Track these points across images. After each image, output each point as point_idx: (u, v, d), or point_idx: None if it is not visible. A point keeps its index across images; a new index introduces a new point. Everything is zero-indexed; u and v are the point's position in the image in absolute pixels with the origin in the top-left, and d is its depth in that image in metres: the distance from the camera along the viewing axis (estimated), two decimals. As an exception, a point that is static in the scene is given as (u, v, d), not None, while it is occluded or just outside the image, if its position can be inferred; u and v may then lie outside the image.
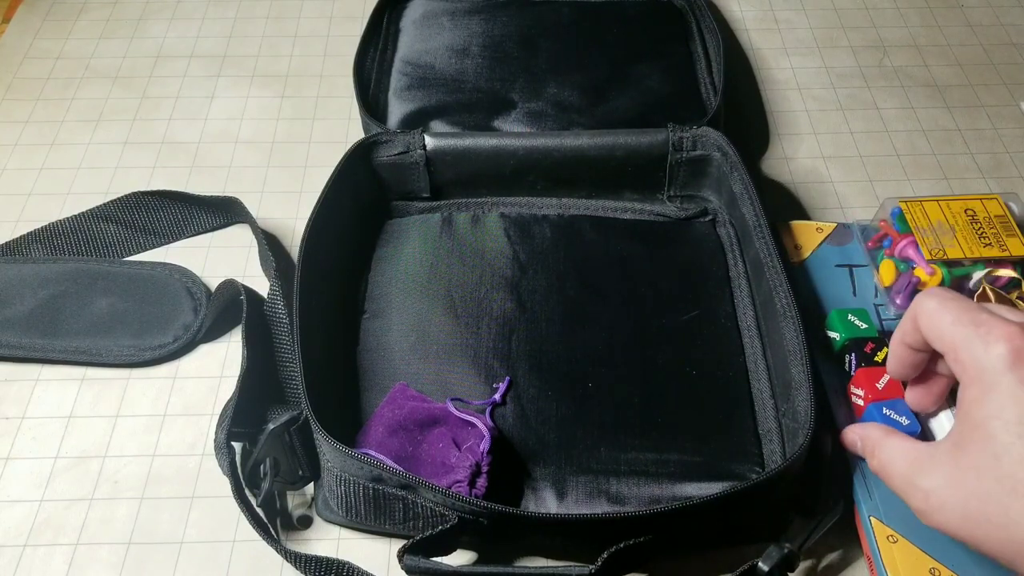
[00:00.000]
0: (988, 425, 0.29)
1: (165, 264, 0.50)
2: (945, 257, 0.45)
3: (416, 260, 0.48)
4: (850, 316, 0.44)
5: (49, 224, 0.52)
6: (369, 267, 0.49)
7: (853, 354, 0.42)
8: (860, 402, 0.40)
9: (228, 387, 0.45)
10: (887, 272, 0.47)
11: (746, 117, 0.61)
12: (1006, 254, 0.46)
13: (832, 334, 0.44)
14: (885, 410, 0.39)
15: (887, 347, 0.41)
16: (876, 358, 0.42)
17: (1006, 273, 0.45)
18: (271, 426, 0.39)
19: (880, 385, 0.40)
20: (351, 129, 0.60)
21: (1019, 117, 0.61)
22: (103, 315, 0.47)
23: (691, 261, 0.48)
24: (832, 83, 0.63)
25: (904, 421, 0.39)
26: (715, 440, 0.41)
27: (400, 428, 0.40)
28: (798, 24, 0.68)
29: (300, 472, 0.41)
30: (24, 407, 0.45)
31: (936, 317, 0.33)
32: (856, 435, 0.37)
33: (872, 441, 0.35)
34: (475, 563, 0.39)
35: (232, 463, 0.39)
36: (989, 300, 0.43)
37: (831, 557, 0.39)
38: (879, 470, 0.35)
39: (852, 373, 0.42)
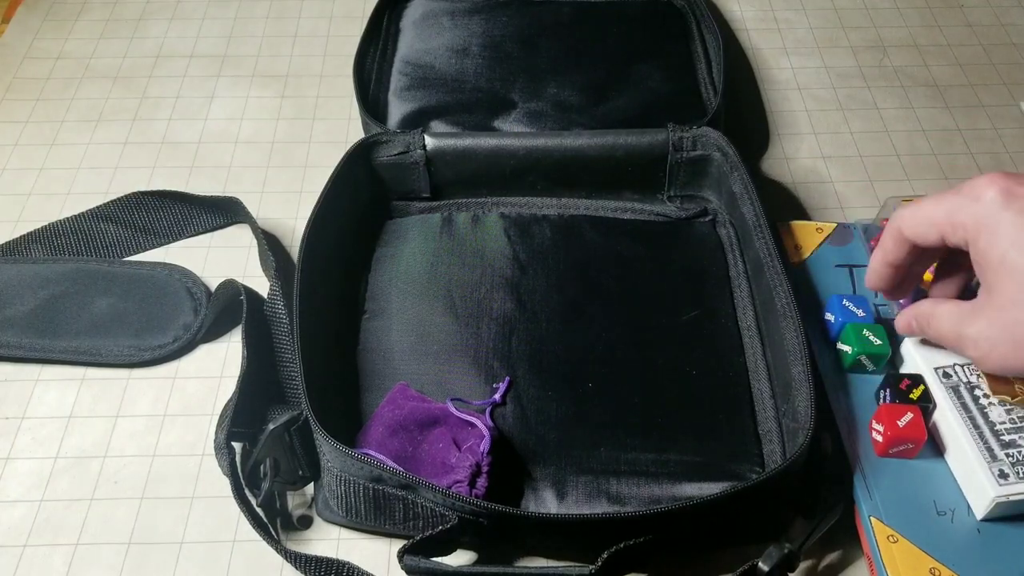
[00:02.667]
0: (1006, 259, 0.32)
1: (165, 264, 0.50)
2: (945, 257, 0.45)
3: (416, 260, 0.48)
4: (865, 331, 0.42)
5: (49, 224, 0.52)
6: (369, 267, 0.49)
7: (888, 390, 0.40)
8: (880, 438, 0.39)
9: (228, 387, 0.45)
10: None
11: (746, 117, 0.61)
12: (1006, 254, 0.46)
13: (844, 347, 0.43)
14: (845, 301, 0.44)
15: (924, 384, 0.40)
16: (911, 395, 0.40)
17: None
18: (271, 426, 0.39)
19: (901, 423, 0.38)
20: (351, 129, 0.60)
21: (1019, 117, 0.61)
22: (103, 315, 0.47)
23: (691, 261, 0.48)
24: (832, 83, 0.63)
25: (860, 312, 0.43)
26: (715, 440, 0.41)
27: (400, 428, 0.40)
28: (798, 24, 0.68)
29: (300, 472, 0.41)
30: (24, 407, 0.45)
31: (919, 214, 0.36)
32: (909, 316, 0.40)
33: (924, 315, 0.38)
34: (475, 563, 0.39)
35: (232, 463, 0.39)
36: None
37: (831, 557, 0.39)
38: (936, 337, 0.38)
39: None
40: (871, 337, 0.42)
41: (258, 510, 0.39)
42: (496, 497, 0.36)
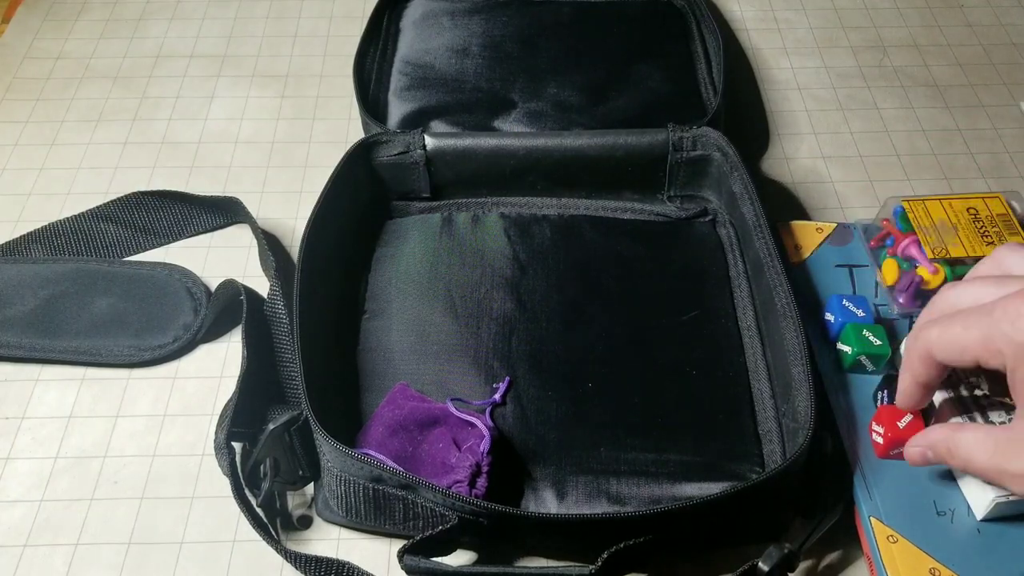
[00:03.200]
0: None
1: (165, 264, 0.50)
2: (948, 256, 0.45)
3: (416, 260, 0.48)
4: (865, 331, 0.42)
5: (49, 224, 0.52)
6: (369, 267, 0.49)
7: (886, 391, 0.41)
8: (880, 440, 0.39)
9: (228, 387, 0.45)
10: (890, 271, 0.46)
11: (746, 117, 0.61)
12: (1006, 254, 0.46)
13: (844, 347, 0.43)
14: (845, 301, 0.43)
15: None
16: None
17: None
18: (271, 426, 0.39)
19: (902, 424, 0.38)
20: (351, 129, 0.60)
21: (1019, 117, 0.61)
22: (103, 315, 0.47)
23: (691, 261, 0.48)
24: (832, 83, 0.63)
25: (860, 313, 0.43)
26: (715, 440, 0.41)
27: (400, 428, 0.40)
28: (798, 24, 0.68)
29: (300, 472, 0.41)
30: (24, 407, 0.45)
31: (951, 341, 0.33)
32: (922, 447, 0.36)
33: (943, 445, 0.34)
34: (475, 563, 0.39)
35: (232, 463, 0.39)
36: None
37: (831, 557, 0.39)
38: (965, 468, 0.34)
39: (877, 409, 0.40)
40: (871, 337, 0.42)
41: (258, 510, 0.39)
42: (496, 497, 0.36)
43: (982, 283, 0.34)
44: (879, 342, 0.42)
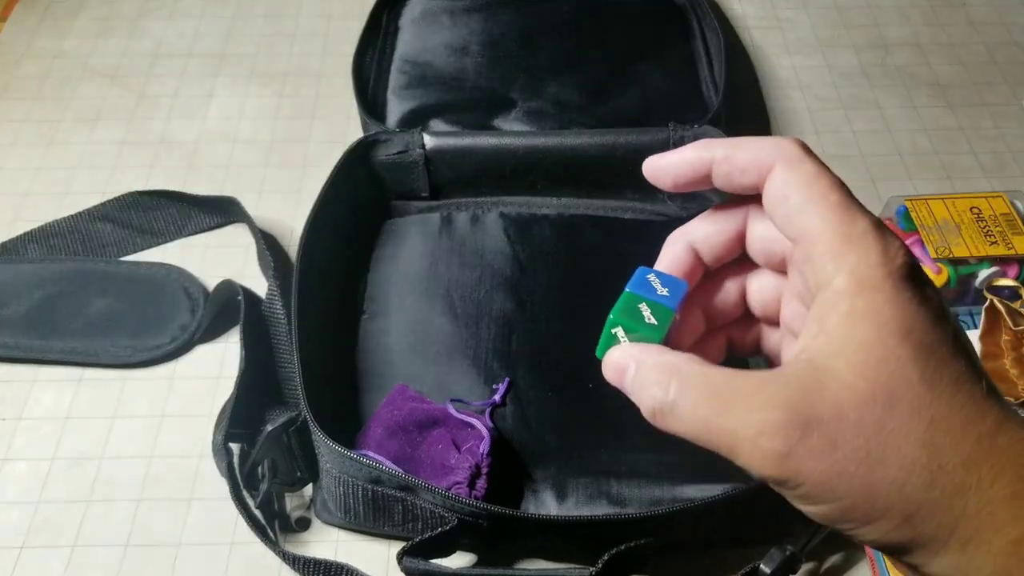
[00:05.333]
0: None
1: (162, 264, 0.50)
2: (951, 255, 0.45)
3: (415, 260, 0.48)
4: (643, 304, 0.29)
5: (46, 224, 0.52)
6: (368, 267, 0.49)
7: None
8: None
9: (226, 388, 0.45)
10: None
11: (747, 116, 0.60)
12: (1012, 252, 0.45)
13: (614, 326, 0.39)
14: (651, 276, 0.27)
15: None
16: None
17: (1007, 282, 0.45)
18: (269, 427, 0.38)
19: None
20: (350, 128, 0.59)
21: (1022, 116, 0.60)
22: (100, 315, 0.47)
23: (692, 261, 0.48)
24: (834, 82, 0.63)
25: (663, 291, 0.26)
26: (717, 441, 0.41)
27: (399, 429, 0.39)
28: (799, 23, 0.68)
29: (298, 473, 0.40)
30: (21, 408, 0.45)
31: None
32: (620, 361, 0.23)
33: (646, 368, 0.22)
34: (475, 565, 0.39)
35: (230, 464, 0.39)
36: (999, 314, 0.42)
37: (833, 559, 0.39)
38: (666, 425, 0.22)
39: None
40: (648, 316, 0.26)
41: (256, 512, 0.39)
42: (496, 498, 0.36)
43: None
44: (653, 321, 0.25)
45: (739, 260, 0.25)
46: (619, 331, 0.26)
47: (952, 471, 0.18)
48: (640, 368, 0.22)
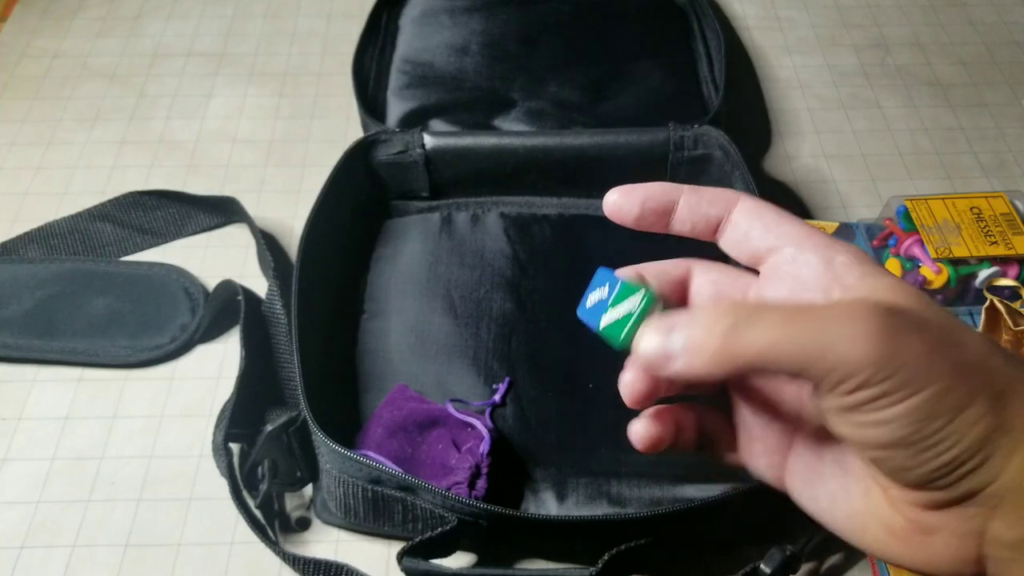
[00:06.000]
0: None
1: (162, 264, 0.50)
2: (951, 255, 0.45)
3: (415, 260, 0.48)
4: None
5: (46, 224, 0.52)
6: (368, 267, 0.49)
7: None
8: None
9: (226, 388, 0.45)
10: (893, 271, 0.46)
11: (748, 116, 0.60)
12: (1012, 252, 0.45)
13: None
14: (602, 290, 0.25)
15: None
16: None
17: (1007, 283, 0.45)
18: (269, 427, 0.38)
19: None
20: (350, 128, 0.59)
21: (1022, 116, 0.60)
22: (100, 315, 0.47)
23: (692, 261, 0.48)
24: (834, 82, 0.63)
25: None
26: (717, 441, 0.41)
27: (399, 429, 0.39)
28: (800, 22, 0.68)
29: (298, 473, 0.40)
30: (21, 408, 0.45)
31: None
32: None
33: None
34: (475, 565, 0.39)
35: (230, 464, 0.39)
36: (999, 314, 0.42)
37: (833, 559, 0.39)
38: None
39: None
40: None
41: (256, 512, 0.39)
42: (496, 499, 0.36)
43: None
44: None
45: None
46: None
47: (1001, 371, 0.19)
48: (694, 316, 0.21)
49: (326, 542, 0.40)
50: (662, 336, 0.21)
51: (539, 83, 0.56)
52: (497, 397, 0.42)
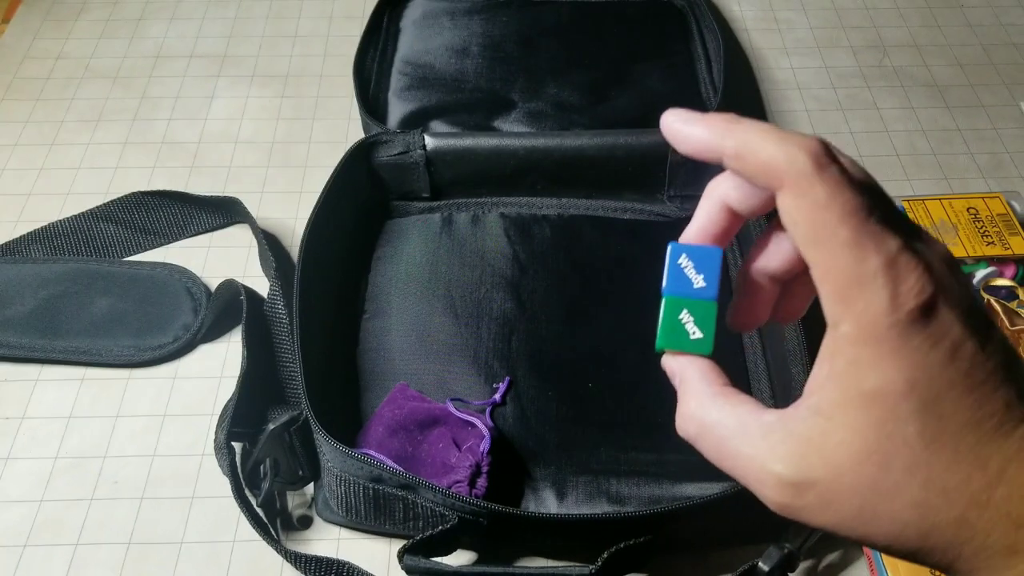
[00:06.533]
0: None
1: (165, 264, 0.50)
2: (946, 257, 0.45)
3: (416, 260, 0.48)
4: (684, 313, 0.31)
5: (49, 224, 0.52)
6: (369, 267, 0.49)
7: None
8: None
9: (228, 387, 0.45)
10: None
11: (746, 117, 0.60)
12: (1009, 252, 0.46)
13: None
14: (683, 258, 0.26)
15: None
16: None
17: (1004, 282, 0.45)
18: (271, 426, 0.39)
19: None
20: (351, 129, 0.60)
21: (1019, 117, 0.61)
22: (103, 315, 0.47)
23: (691, 261, 0.48)
24: (832, 83, 0.63)
25: (698, 281, 0.26)
26: (715, 440, 0.41)
27: (400, 428, 0.40)
28: (798, 24, 0.68)
29: (300, 472, 0.40)
30: (24, 407, 0.45)
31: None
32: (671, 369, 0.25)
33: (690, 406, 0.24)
34: (475, 563, 0.39)
35: (232, 463, 0.39)
36: (996, 314, 0.43)
37: (831, 557, 0.39)
38: (707, 447, 0.23)
39: None
40: (689, 326, 0.26)
41: (258, 510, 0.39)
42: (496, 497, 0.36)
43: None
44: (699, 335, 0.25)
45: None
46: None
47: (944, 528, 0.18)
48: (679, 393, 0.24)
49: (328, 540, 0.40)
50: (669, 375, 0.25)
51: (539, 84, 0.56)
52: (497, 396, 0.42)
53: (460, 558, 0.39)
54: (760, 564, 0.35)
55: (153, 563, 0.39)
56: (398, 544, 0.39)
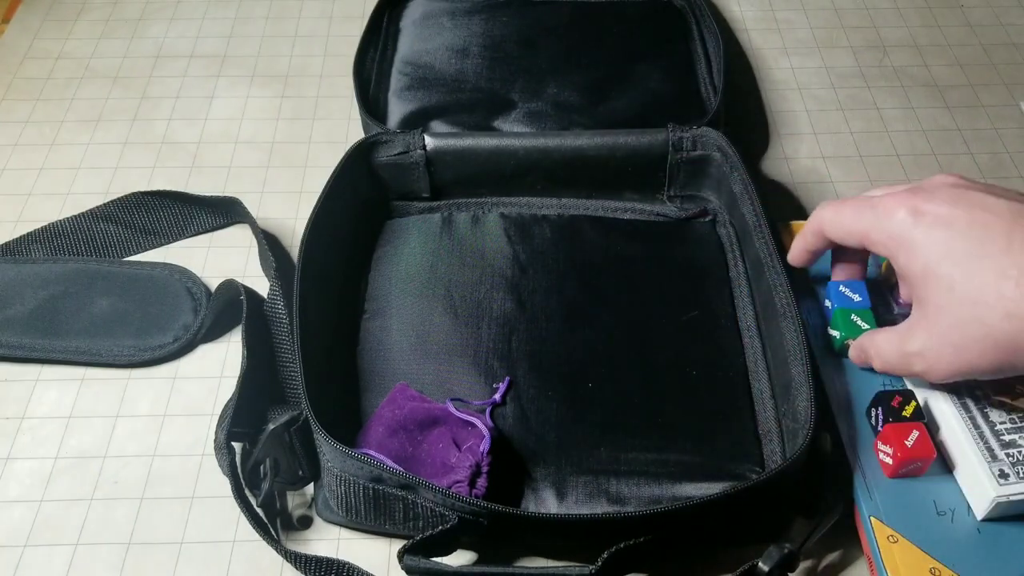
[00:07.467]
0: (927, 271, 0.34)
1: (165, 264, 0.50)
2: (945, 257, 0.46)
3: (416, 260, 0.48)
4: (853, 316, 0.42)
5: (49, 224, 0.52)
6: (369, 267, 0.49)
7: (880, 408, 0.39)
8: (889, 460, 0.38)
9: (228, 387, 0.45)
10: (890, 271, 0.46)
11: (746, 117, 0.61)
12: (1006, 254, 0.46)
13: (833, 332, 0.43)
14: (841, 287, 0.43)
15: (915, 401, 0.39)
16: (904, 412, 0.39)
17: None
18: (271, 426, 0.39)
19: (909, 443, 0.37)
20: (351, 129, 0.60)
21: (1019, 117, 0.61)
22: (103, 315, 0.47)
23: (691, 261, 0.48)
24: (832, 83, 0.63)
25: (856, 298, 0.43)
26: (715, 440, 0.41)
27: (400, 428, 0.40)
28: (798, 24, 0.68)
29: (300, 472, 0.41)
30: (24, 407, 0.45)
31: (839, 221, 0.39)
32: (856, 351, 0.41)
33: (865, 346, 0.40)
34: (475, 563, 0.39)
35: (232, 463, 0.39)
36: None
37: (831, 557, 0.39)
38: (884, 367, 0.39)
39: (879, 428, 0.39)
40: (859, 322, 0.42)
41: (258, 510, 0.39)
42: (496, 497, 0.36)
43: (885, 188, 0.40)
44: (867, 326, 0.42)
45: None
46: (851, 343, 0.42)
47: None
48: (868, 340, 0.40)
49: (328, 540, 0.40)
50: (856, 355, 0.42)
51: (539, 85, 0.56)
52: (497, 396, 0.42)
53: (460, 558, 0.39)
54: (760, 564, 0.35)
55: (153, 563, 0.39)
56: (398, 544, 0.39)
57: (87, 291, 0.48)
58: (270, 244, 0.49)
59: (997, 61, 0.64)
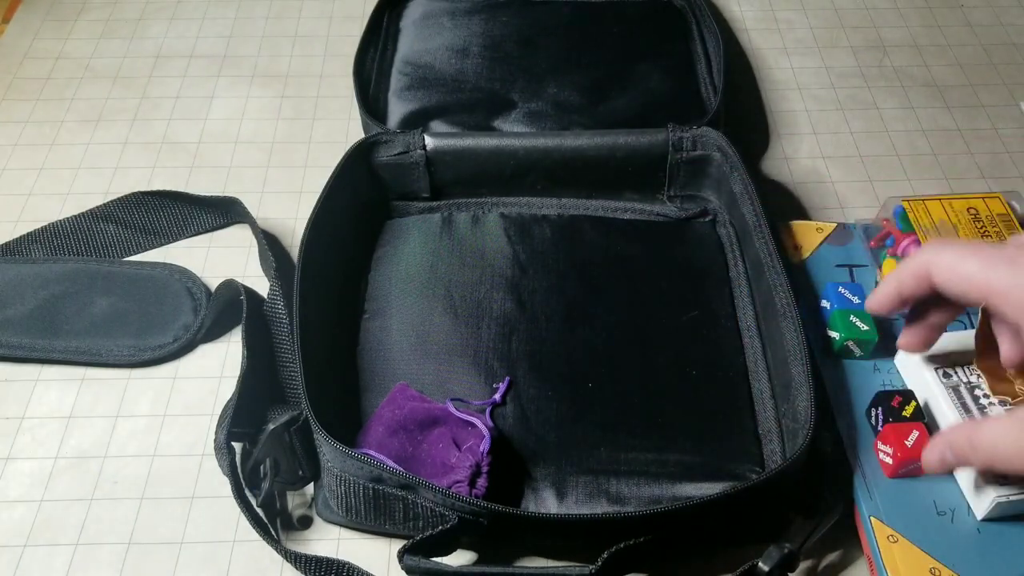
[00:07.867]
0: None
1: (165, 264, 0.50)
2: (945, 257, 0.46)
3: (416, 260, 0.48)
4: (852, 317, 0.43)
5: (49, 224, 0.52)
6: (369, 267, 0.49)
7: (880, 408, 0.40)
8: (889, 460, 0.38)
9: (228, 387, 0.45)
10: (890, 271, 0.47)
11: (746, 117, 0.61)
12: (1006, 254, 0.46)
13: (832, 334, 0.43)
14: (840, 288, 0.43)
15: (915, 401, 0.39)
16: (904, 412, 0.39)
17: None
18: (271, 426, 0.39)
19: (909, 442, 0.37)
20: (351, 129, 0.60)
21: (1019, 117, 0.61)
22: (103, 315, 0.47)
23: (691, 261, 0.48)
24: (832, 83, 0.63)
25: (855, 300, 0.43)
26: (715, 440, 0.41)
27: (400, 428, 0.40)
28: (798, 24, 0.68)
29: (300, 472, 0.41)
30: (24, 407, 0.45)
31: (959, 270, 0.31)
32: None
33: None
34: (475, 563, 0.39)
35: (232, 463, 0.39)
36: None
37: (831, 557, 0.39)
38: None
39: (879, 428, 0.40)
40: (858, 323, 0.42)
41: (258, 510, 0.39)
42: (496, 497, 0.36)
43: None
44: (866, 327, 0.42)
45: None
46: (850, 343, 0.43)
47: None
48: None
49: (328, 540, 0.40)
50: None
51: (539, 85, 0.56)
52: (497, 396, 0.42)
53: (460, 558, 0.39)
54: (760, 564, 0.35)
55: (153, 563, 0.39)
56: (398, 544, 0.39)
57: (87, 291, 0.48)
58: (270, 244, 0.49)
59: (997, 61, 0.64)
